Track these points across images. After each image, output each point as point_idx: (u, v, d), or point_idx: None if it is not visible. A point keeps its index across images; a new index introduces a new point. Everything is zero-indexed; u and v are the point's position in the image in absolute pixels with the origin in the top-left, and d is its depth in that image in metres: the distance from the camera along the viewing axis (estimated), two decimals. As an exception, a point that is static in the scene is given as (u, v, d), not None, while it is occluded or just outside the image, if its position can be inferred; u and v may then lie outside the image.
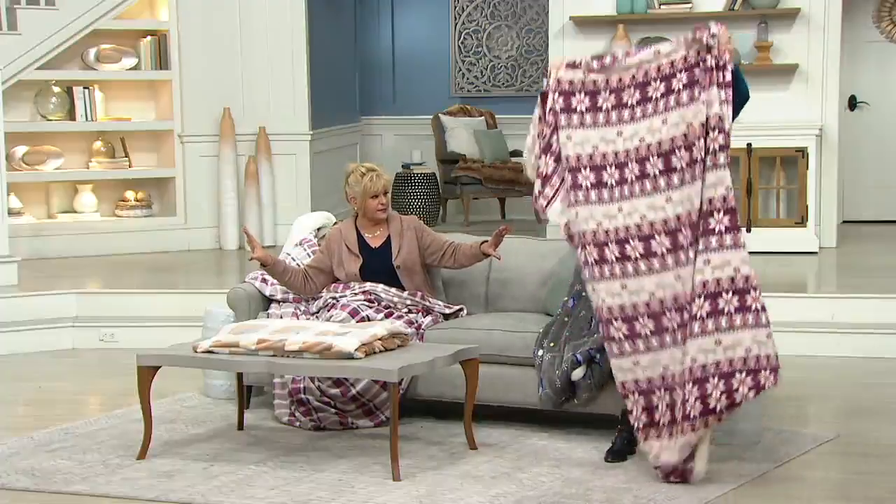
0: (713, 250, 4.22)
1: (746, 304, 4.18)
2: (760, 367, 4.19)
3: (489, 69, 11.32)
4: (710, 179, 4.26)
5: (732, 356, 4.20)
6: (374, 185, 5.34)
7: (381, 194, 5.37)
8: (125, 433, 5.18)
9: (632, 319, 4.39)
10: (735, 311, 4.20)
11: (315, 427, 5.18)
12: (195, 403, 5.70)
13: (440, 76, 11.40)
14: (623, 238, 4.34)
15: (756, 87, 8.58)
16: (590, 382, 4.88)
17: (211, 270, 8.57)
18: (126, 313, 7.26)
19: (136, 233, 9.02)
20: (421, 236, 5.40)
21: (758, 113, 8.54)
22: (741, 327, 4.18)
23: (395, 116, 11.48)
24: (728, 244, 4.20)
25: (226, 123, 9.17)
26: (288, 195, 9.38)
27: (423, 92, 11.34)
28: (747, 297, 4.19)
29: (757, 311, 4.20)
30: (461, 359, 4.83)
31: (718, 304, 4.19)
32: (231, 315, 5.63)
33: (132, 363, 4.99)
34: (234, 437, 5.12)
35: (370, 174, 5.36)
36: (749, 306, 4.20)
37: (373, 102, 11.46)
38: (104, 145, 9.10)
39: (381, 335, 4.74)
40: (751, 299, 4.20)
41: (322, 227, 5.90)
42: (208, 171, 9.25)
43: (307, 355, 4.66)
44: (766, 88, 8.55)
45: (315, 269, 5.42)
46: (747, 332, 4.19)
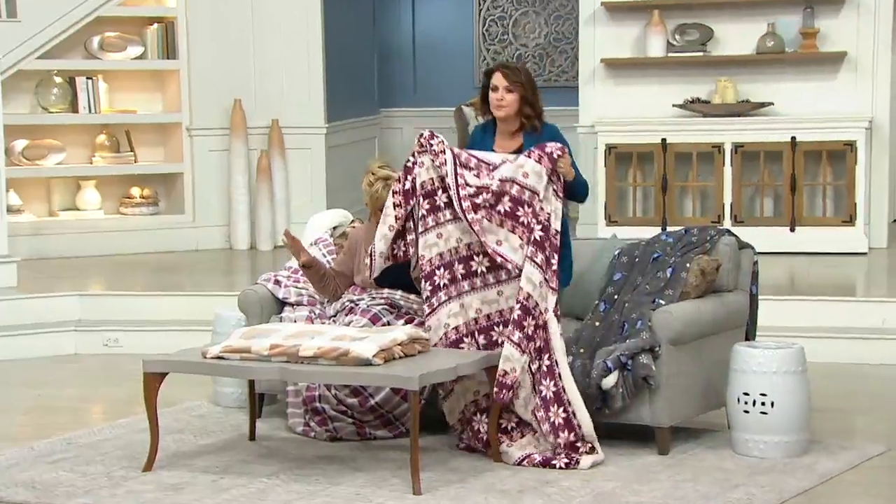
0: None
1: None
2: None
3: (515, 58, 11.30)
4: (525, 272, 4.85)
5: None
6: (381, 197, 5.28)
7: None
8: (130, 444, 5.19)
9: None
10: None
11: (331, 437, 5.18)
12: (204, 412, 5.71)
13: (463, 65, 11.38)
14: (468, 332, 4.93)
15: (801, 76, 8.58)
16: (622, 391, 4.88)
17: (221, 271, 8.58)
18: (131, 317, 7.28)
19: (142, 231, 9.05)
20: None
21: (803, 104, 8.51)
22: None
23: (416, 108, 11.48)
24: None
25: (237, 116, 9.19)
26: (302, 192, 9.39)
27: (445, 82, 11.33)
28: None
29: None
30: (486, 365, 4.83)
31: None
32: (242, 319, 5.64)
33: (138, 369, 5.00)
34: (245, 447, 5.12)
35: (378, 184, 5.30)
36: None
37: (392, 93, 11.46)
38: (108, 139, 9.14)
39: (401, 340, 4.73)
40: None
41: (338, 226, 5.90)
42: (218, 166, 9.27)
43: (322, 361, 4.66)
44: (812, 78, 8.51)
45: (339, 274, 5.41)
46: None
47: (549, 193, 4.90)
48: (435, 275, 4.95)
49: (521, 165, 4.94)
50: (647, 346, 4.90)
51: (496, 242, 4.90)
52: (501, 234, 4.91)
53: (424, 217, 4.98)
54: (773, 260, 7.90)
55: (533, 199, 4.90)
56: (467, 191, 4.93)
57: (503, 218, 4.91)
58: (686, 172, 8.60)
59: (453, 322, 4.95)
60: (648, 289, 5.11)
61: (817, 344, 6.26)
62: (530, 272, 4.84)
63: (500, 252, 4.89)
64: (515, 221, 4.90)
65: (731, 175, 8.42)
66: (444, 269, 4.96)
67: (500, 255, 4.88)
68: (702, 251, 5.19)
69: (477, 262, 4.95)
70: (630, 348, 4.89)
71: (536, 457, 4.80)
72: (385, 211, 5.02)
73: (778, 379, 4.86)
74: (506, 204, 4.91)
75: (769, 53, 8.54)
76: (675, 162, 8.52)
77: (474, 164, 5.01)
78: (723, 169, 8.44)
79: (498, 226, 4.91)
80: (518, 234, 4.89)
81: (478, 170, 4.98)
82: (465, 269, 4.95)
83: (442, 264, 4.96)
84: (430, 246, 4.97)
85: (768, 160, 8.42)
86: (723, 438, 5.12)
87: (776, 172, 8.46)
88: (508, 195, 4.91)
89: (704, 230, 5.31)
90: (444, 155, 4.96)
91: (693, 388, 5.07)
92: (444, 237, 4.97)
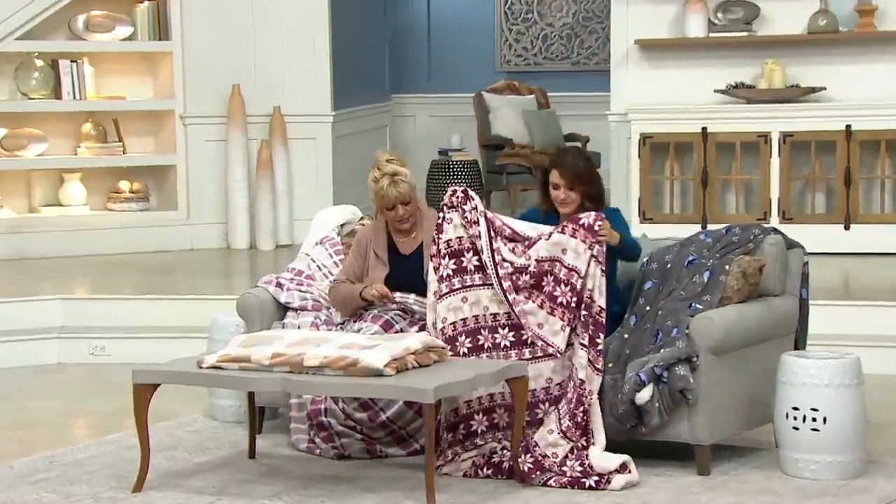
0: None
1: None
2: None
3: (540, 39, 11.30)
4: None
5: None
6: (386, 195, 5.28)
7: (397, 205, 5.32)
8: (118, 462, 5.21)
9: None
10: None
11: (338, 455, 5.20)
12: (200, 427, 5.73)
13: (483, 48, 11.39)
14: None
15: (857, 58, 8.54)
16: (658, 406, 4.87)
17: (218, 273, 8.61)
18: (119, 323, 7.31)
19: (132, 229, 9.08)
20: None
21: (859, 89, 8.48)
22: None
23: (431, 95, 11.49)
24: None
25: (235, 103, 9.22)
26: (307, 185, 9.41)
27: (463, 66, 11.33)
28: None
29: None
30: (508, 377, 4.84)
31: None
32: (241, 325, 5.66)
33: (127, 380, 5.02)
34: (244, 466, 5.14)
35: (384, 180, 5.29)
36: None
37: (405, 78, 11.47)
38: (94, 128, 9.17)
39: (414, 349, 4.75)
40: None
41: (346, 223, 5.91)
42: (215, 157, 9.30)
43: (329, 372, 4.67)
44: (869, 60, 8.48)
45: (355, 277, 5.40)
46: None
47: (591, 268, 4.97)
48: (457, 342, 5.04)
49: (558, 243, 5.03)
50: (684, 356, 4.90)
51: (537, 325, 5.01)
52: (541, 315, 5.01)
53: (450, 278, 5.06)
54: (826, 261, 7.88)
55: (571, 276, 4.98)
56: (506, 269, 5.03)
57: (544, 299, 5.01)
58: (729, 165, 8.58)
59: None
60: (684, 294, 5.11)
61: (874, 354, 6.25)
62: (580, 356, 4.92)
63: (542, 336, 4.99)
64: (554, 303, 5.00)
65: (779, 167, 8.41)
66: (465, 337, 5.04)
67: (543, 339, 4.99)
68: (744, 252, 5.18)
69: (501, 336, 5.04)
70: (665, 359, 4.89)
71: (564, 477, 4.81)
72: (428, 278, 5.09)
73: (831, 392, 4.85)
74: (548, 285, 5.01)
75: (821, 33, 8.52)
76: (717, 153, 8.51)
77: (509, 233, 5.11)
78: (769, 161, 8.42)
79: (539, 307, 5.01)
80: (558, 315, 4.99)
81: (513, 243, 5.09)
82: (492, 341, 5.05)
83: (465, 331, 5.05)
84: (455, 309, 5.06)
85: (820, 151, 8.40)
86: (769, 458, 5.11)
87: (829, 164, 8.43)
88: (548, 275, 5.01)
89: (748, 229, 5.30)
90: (477, 227, 5.06)
91: (736, 403, 5.07)
92: (469, 301, 5.06)
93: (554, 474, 4.82)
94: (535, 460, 4.83)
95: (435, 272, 5.07)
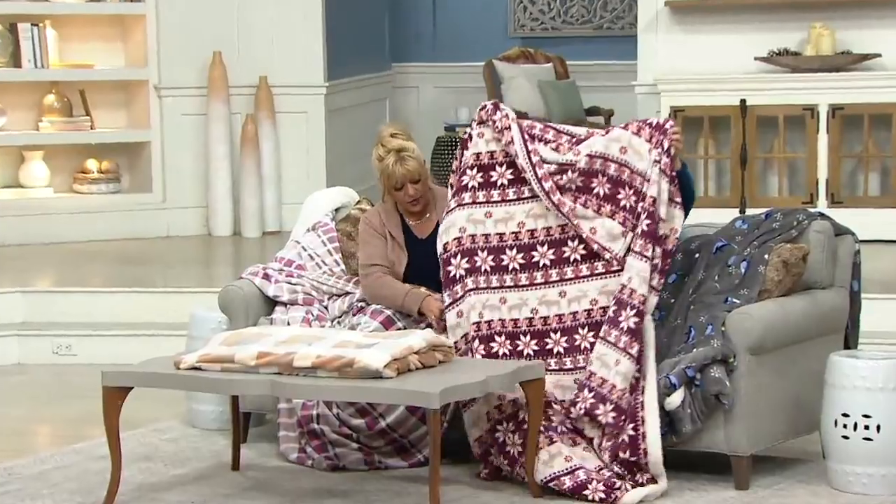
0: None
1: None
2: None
3: (559, 1, 11.28)
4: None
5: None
6: (393, 173, 5.29)
7: (406, 184, 5.33)
8: (85, 474, 5.22)
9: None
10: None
11: (332, 467, 5.21)
12: (177, 435, 5.74)
13: (495, 11, 11.38)
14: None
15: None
16: (690, 411, 4.88)
17: (197, 263, 8.62)
18: (87, 319, 7.32)
19: (101, 214, 9.09)
20: None
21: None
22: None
23: (436, 64, 11.48)
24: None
25: (216, 72, 9.22)
26: (297, 165, 9.41)
27: (472, 31, 11.32)
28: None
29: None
30: (522, 379, 4.84)
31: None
32: (223, 321, 5.67)
33: (95, 383, 5.03)
34: (227, 479, 5.15)
35: (390, 157, 5.29)
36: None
37: (407, 45, 11.47)
38: (58, 100, 9.18)
39: (418, 348, 4.75)
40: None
41: (341, 208, 5.92)
42: (193, 133, 9.30)
43: (322, 373, 4.68)
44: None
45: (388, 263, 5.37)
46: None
47: (655, 175, 4.95)
48: (476, 256, 5.02)
49: (617, 140, 5.01)
50: (719, 357, 4.91)
51: (590, 230, 4.98)
52: (597, 221, 5.00)
53: (474, 189, 5.08)
54: (880, 249, 7.88)
55: (634, 179, 4.96)
56: (546, 168, 5.01)
57: (600, 202, 4.99)
58: (771, 141, 8.58)
59: (489, 315, 5.00)
60: (719, 287, 5.11)
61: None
62: (641, 268, 4.90)
63: (597, 240, 4.96)
64: (616, 206, 4.98)
65: (827, 144, 8.40)
66: (487, 254, 5.03)
67: (598, 243, 4.95)
68: (785, 239, 5.18)
69: (540, 254, 5.03)
70: (698, 359, 4.89)
71: (566, 480, 4.80)
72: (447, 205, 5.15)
73: (885, 397, 4.85)
74: (600, 186, 4.99)
75: (875, -7, 8.52)
76: (758, 128, 8.51)
77: (552, 135, 5.09)
78: (816, 137, 8.42)
79: (595, 211, 5.00)
80: (619, 220, 4.97)
81: (556, 142, 5.08)
82: (524, 258, 5.03)
83: (487, 247, 5.04)
84: (475, 222, 5.07)
85: (874, 126, 8.39)
86: (816, 470, 5.12)
87: (883, 141, 8.43)
88: (601, 175, 5.00)
89: (791, 214, 5.30)
90: (509, 132, 5.06)
91: (778, 409, 5.07)
92: (494, 217, 5.06)
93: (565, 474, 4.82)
94: (595, 392, 4.82)
95: (451, 188, 5.12)
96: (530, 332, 5.03)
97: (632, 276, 4.91)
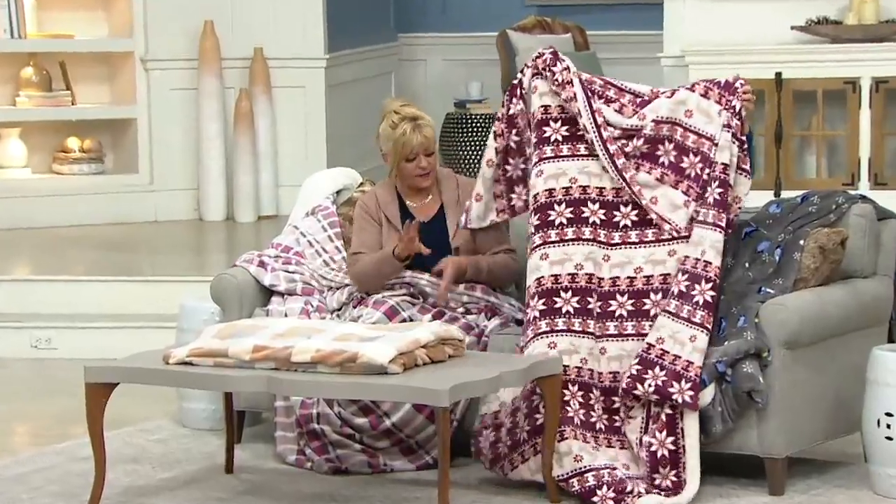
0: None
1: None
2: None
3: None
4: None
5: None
6: (409, 141, 5.33)
7: (420, 155, 5.36)
8: (67, 476, 5.24)
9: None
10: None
11: (333, 470, 5.23)
12: (166, 435, 5.75)
13: (509, -24, 11.37)
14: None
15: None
16: (720, 410, 4.89)
17: (188, 249, 8.62)
18: (69, 309, 7.34)
19: (83, 196, 9.11)
20: None
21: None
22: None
23: (446, 34, 11.47)
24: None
25: (207, 43, 9.22)
26: (295, 143, 9.42)
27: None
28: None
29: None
30: (537, 375, 4.85)
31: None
32: (216, 312, 5.69)
33: (78, 379, 5.05)
34: (220, 482, 5.16)
35: (405, 125, 5.34)
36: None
37: (414, 14, 11.46)
38: (37, 73, 9.19)
39: (425, 341, 4.77)
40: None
41: (343, 190, 5.93)
42: (182, 110, 9.31)
43: (322, 369, 4.70)
44: None
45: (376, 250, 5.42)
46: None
47: (725, 140, 4.96)
48: (552, 209, 5.06)
49: (683, 102, 5.02)
50: (752, 351, 4.91)
51: (651, 200, 5.02)
52: (659, 190, 5.03)
53: (539, 146, 5.09)
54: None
55: (701, 144, 4.98)
56: (610, 132, 5.03)
57: (664, 171, 5.03)
58: (808, 118, 8.57)
59: (553, 270, 5.04)
60: (751, 276, 5.11)
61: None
62: (716, 239, 4.92)
63: (658, 211, 5.00)
64: (680, 175, 5.01)
65: (870, 121, 8.39)
66: (565, 206, 5.07)
67: (657, 214, 4.99)
68: (823, 224, 5.18)
69: (590, 211, 5.07)
70: (729, 353, 4.90)
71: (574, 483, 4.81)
72: (487, 144, 5.17)
73: (931, 394, 4.87)
74: (666, 154, 5.03)
75: (923, -44, 8.50)
76: (794, 104, 8.50)
77: (614, 93, 5.11)
78: (858, 113, 8.41)
79: (656, 180, 5.03)
80: (682, 189, 5.00)
81: (619, 102, 5.09)
82: (573, 213, 5.06)
83: (566, 200, 5.07)
84: (548, 178, 5.07)
85: (920, 101, 8.39)
86: (857, 473, 5.13)
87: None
88: (667, 142, 5.02)
89: (830, 196, 5.30)
90: (571, 87, 5.06)
91: (815, 407, 5.08)
92: (545, 175, 5.08)
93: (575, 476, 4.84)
94: (672, 371, 4.85)
95: (496, 138, 5.18)
96: (572, 289, 5.04)
97: (705, 248, 4.92)
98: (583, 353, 4.98)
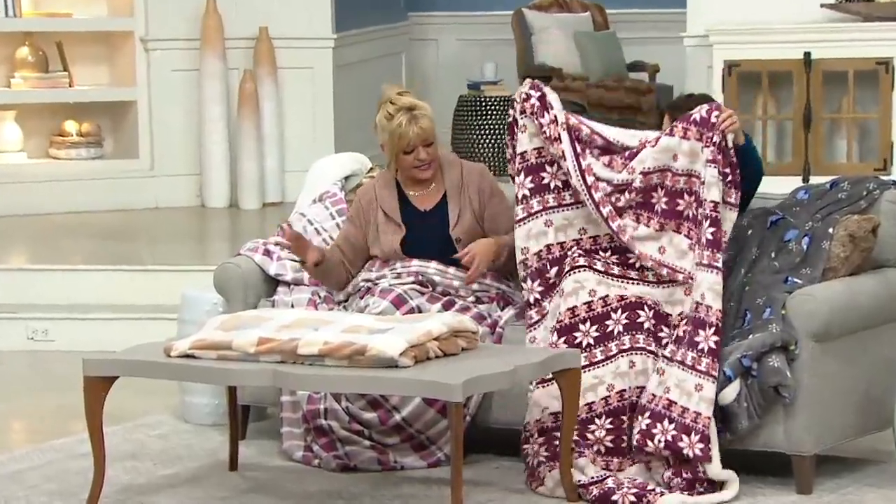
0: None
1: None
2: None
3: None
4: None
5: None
6: (405, 133, 5.32)
7: (418, 146, 5.35)
8: (65, 473, 5.25)
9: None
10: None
11: (341, 466, 5.23)
12: (167, 431, 5.76)
13: (525, -49, 11.37)
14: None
15: None
16: (746, 406, 4.89)
17: (190, 238, 8.64)
18: (66, 300, 7.36)
19: (81, 182, 9.12)
20: (486, 199, 5.40)
21: None
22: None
23: (458, 13, 11.47)
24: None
25: (210, 22, 9.23)
26: (302, 127, 9.43)
27: (499, -26, 11.33)
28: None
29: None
30: (555, 369, 4.85)
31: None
32: (219, 302, 5.70)
33: (76, 372, 5.06)
34: (224, 480, 5.17)
35: (401, 116, 5.33)
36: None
37: (425, -9, 11.47)
38: (33, 53, 9.20)
39: (437, 333, 4.77)
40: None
41: (351, 176, 5.94)
42: (185, 92, 9.32)
43: (330, 362, 4.70)
44: None
45: (349, 249, 5.44)
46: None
47: (711, 177, 5.02)
48: (546, 274, 5.16)
49: (668, 149, 5.08)
50: (778, 344, 4.91)
51: (659, 251, 5.08)
52: (664, 238, 5.09)
53: (527, 199, 5.18)
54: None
55: (692, 184, 5.05)
56: (603, 190, 5.10)
57: (662, 220, 5.09)
58: (838, 100, 8.56)
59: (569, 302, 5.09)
60: (777, 265, 5.11)
61: None
62: (713, 281, 4.96)
63: (666, 263, 5.08)
64: (679, 217, 5.08)
65: (903, 104, 8.40)
66: (552, 267, 5.17)
67: (668, 267, 5.07)
68: (852, 210, 5.17)
69: (602, 259, 5.14)
70: (755, 347, 4.90)
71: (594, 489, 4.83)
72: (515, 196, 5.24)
73: (965, 389, 4.87)
74: (661, 201, 5.10)
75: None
76: (824, 85, 8.49)
77: (601, 144, 5.17)
78: (891, 95, 8.40)
79: (657, 230, 5.09)
80: (684, 232, 5.07)
81: (608, 154, 5.16)
82: (619, 259, 5.15)
83: (549, 259, 5.17)
84: (537, 236, 5.18)
85: (955, 83, 8.38)
86: (889, 471, 5.13)
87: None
88: (659, 189, 5.09)
89: (860, 182, 5.29)
90: (560, 144, 5.13)
91: (845, 403, 5.08)
92: (554, 226, 5.17)
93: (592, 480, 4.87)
94: (680, 424, 4.87)
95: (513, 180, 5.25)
96: (589, 319, 5.10)
97: (704, 291, 4.97)
98: (608, 379, 5.01)
